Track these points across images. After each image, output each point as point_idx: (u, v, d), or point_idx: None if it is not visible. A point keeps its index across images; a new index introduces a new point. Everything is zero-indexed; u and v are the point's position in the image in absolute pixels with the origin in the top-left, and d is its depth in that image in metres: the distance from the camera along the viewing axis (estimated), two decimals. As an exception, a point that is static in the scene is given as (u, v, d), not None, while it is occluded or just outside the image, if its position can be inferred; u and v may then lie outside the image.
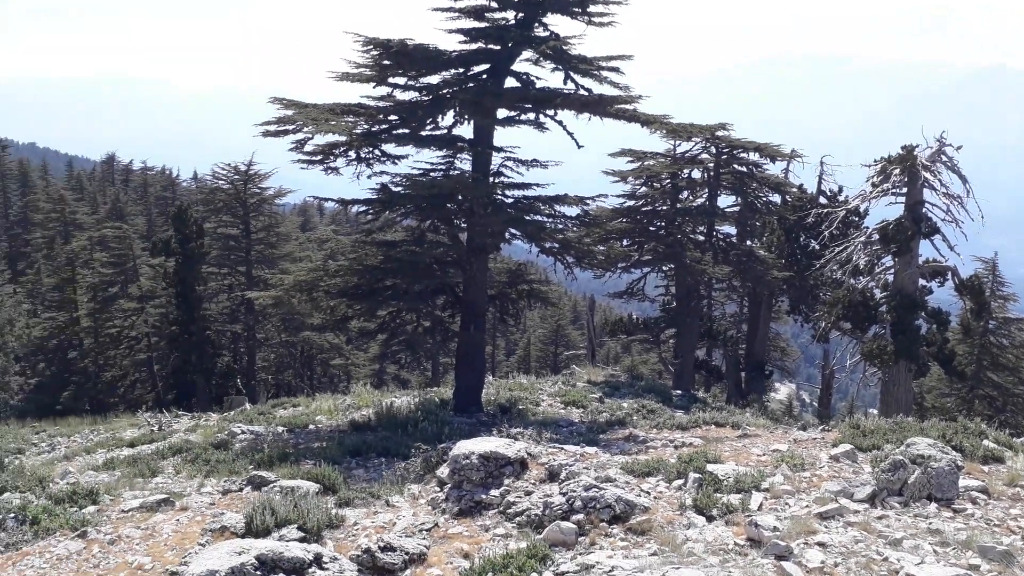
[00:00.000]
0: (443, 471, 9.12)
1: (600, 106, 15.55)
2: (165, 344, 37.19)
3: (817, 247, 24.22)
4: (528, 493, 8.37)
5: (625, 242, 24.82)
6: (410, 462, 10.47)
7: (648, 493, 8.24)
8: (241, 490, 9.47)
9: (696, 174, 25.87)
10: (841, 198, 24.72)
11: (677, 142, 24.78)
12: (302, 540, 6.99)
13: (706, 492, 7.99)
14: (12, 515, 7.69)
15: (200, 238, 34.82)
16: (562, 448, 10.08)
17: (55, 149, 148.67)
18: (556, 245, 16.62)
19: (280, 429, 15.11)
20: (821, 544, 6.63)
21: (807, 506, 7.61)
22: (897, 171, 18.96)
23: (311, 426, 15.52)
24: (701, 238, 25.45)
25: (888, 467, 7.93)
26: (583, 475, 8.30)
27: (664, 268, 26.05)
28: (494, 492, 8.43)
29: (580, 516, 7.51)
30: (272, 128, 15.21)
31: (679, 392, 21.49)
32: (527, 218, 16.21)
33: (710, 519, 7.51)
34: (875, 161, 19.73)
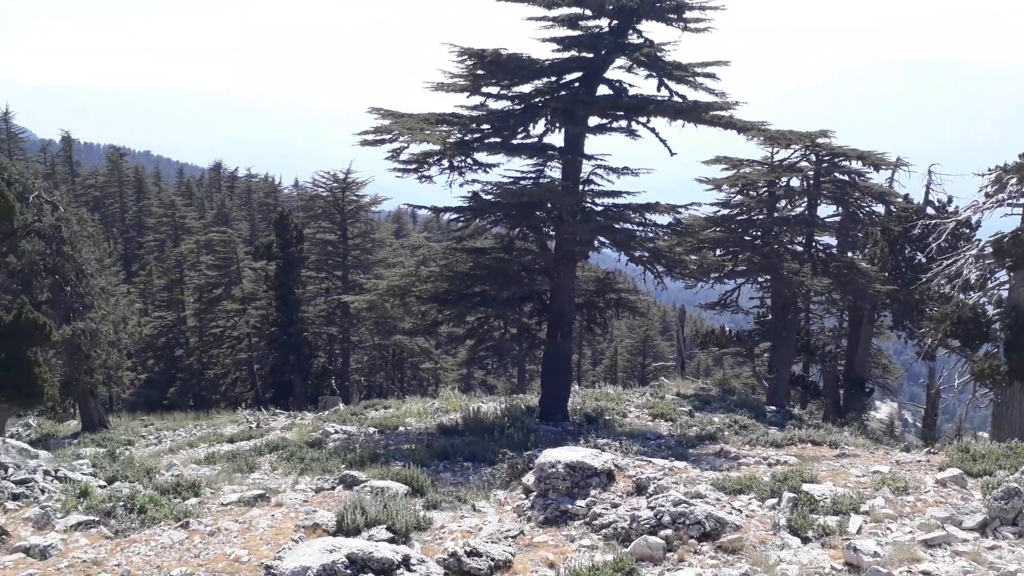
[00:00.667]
0: (529, 479, 9.12)
1: (695, 113, 15.28)
2: (265, 344, 38.73)
3: (924, 260, 23.02)
4: (615, 505, 8.27)
5: (718, 252, 24.23)
6: (496, 468, 10.52)
7: (740, 511, 8.00)
8: (333, 488, 9.73)
9: (795, 182, 25.05)
10: (951, 209, 23.44)
11: (775, 149, 24.06)
12: (391, 541, 7.11)
13: (801, 512, 7.70)
14: (122, 503, 8.13)
15: (300, 243, 36.13)
16: (650, 461, 9.91)
17: (167, 157, 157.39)
18: (646, 254, 16.40)
19: (371, 430, 15.47)
20: (926, 573, 6.28)
21: (911, 532, 7.22)
22: (1014, 180, 17.82)
23: (401, 428, 15.82)
24: (799, 249, 24.60)
25: (1001, 495, 7.44)
26: (672, 490, 8.14)
27: (759, 279, 25.29)
28: (580, 502, 8.36)
29: (668, 531, 7.35)
30: (370, 137, 15.64)
31: (773, 408, 20.80)
32: (617, 226, 16.06)
33: (805, 540, 7.23)
34: (989, 170, 18.61)
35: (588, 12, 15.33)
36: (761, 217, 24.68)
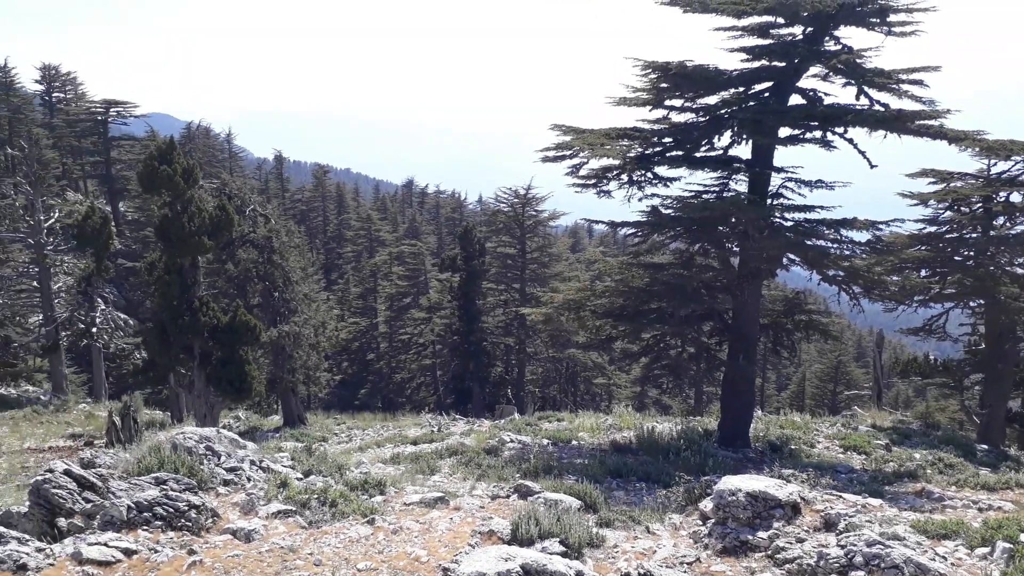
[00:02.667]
0: (706, 505, 8.79)
1: (899, 123, 14.15)
2: (447, 352, 40.41)
3: None
4: (800, 540, 7.76)
5: (924, 272, 22.23)
6: (671, 491, 10.24)
7: (944, 558, 7.24)
8: (508, 497, 9.90)
9: (1015, 197, 22.48)
10: None
11: (992, 161, 21.77)
12: (563, 555, 7.09)
13: (1019, 566, 6.85)
14: (316, 497, 8.72)
15: (482, 256, 37.45)
16: (840, 496, 9.23)
17: (365, 174, 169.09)
18: (841, 273, 15.35)
19: (545, 441, 15.61)
20: None
21: None
22: None
23: (573, 442, 15.84)
24: (1020, 271, 22.04)
25: None
26: (865, 528, 7.52)
27: (971, 304, 22.90)
28: (761, 534, 7.93)
29: (860, 573, 6.79)
30: (551, 154, 15.86)
31: (985, 447, 18.69)
32: (808, 243, 15.16)
33: (1025, 600, 6.41)
34: None
35: (780, 20, 14.69)
36: (975, 235, 22.36)
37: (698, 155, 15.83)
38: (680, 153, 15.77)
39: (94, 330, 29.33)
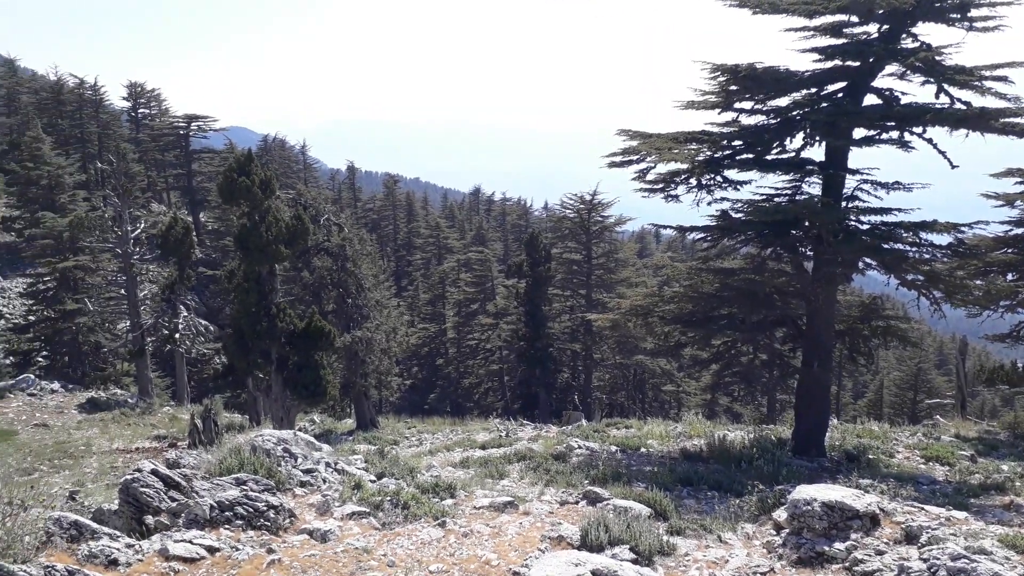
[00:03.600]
0: (780, 514, 8.62)
1: (982, 121, 13.60)
2: (514, 357, 40.58)
3: None
4: (879, 552, 7.55)
5: (1011, 276, 21.25)
6: (744, 500, 10.07)
7: (1036, 576, 6.93)
8: (577, 503, 9.91)
9: (1111, 197, 21.30)
10: None
11: (1085, 159, 20.67)
12: (634, 562, 7.08)
13: (1119, 587, 6.49)
14: (389, 499, 8.92)
15: (548, 262, 37.52)
16: (922, 508, 8.92)
17: (434, 183, 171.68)
18: (920, 278, 14.82)
19: (613, 448, 15.54)
20: None
21: None
22: None
23: (642, 449, 15.72)
24: (1117, 274, 20.83)
25: None
26: (949, 542, 7.26)
27: (1063, 309, 21.77)
28: (838, 545, 7.74)
29: (944, 588, 6.56)
30: (617, 159, 15.81)
31: (1080, 459, 17.74)
32: (885, 246, 14.70)
33: (1126, 622, 6.08)
34: None
35: (854, 19, 14.33)
36: (1067, 237, 21.25)
37: (769, 158, 15.54)
38: (751, 156, 15.50)
39: (177, 336, 30.56)
